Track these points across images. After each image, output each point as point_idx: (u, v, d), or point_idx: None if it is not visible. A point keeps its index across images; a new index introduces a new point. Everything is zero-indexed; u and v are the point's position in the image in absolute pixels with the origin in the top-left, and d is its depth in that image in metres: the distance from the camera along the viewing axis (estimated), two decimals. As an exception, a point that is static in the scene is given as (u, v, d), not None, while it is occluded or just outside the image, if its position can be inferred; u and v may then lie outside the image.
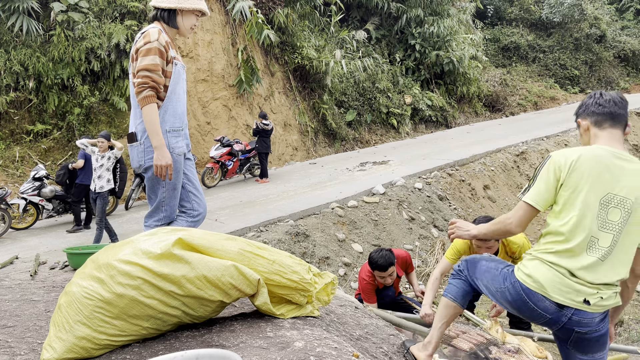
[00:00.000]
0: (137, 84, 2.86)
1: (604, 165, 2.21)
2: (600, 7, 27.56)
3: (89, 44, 10.85)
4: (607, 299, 2.22)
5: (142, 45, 2.90)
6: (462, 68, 19.44)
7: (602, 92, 2.38)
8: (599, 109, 2.32)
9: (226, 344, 2.03)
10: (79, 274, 2.18)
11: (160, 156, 2.89)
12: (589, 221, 2.20)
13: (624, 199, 2.19)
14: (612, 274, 2.21)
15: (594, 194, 2.20)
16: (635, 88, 27.86)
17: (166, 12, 3.04)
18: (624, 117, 2.30)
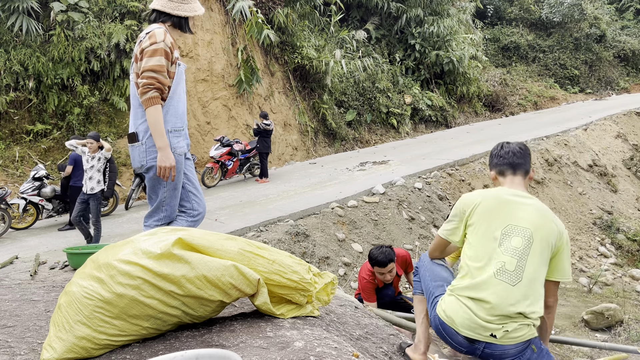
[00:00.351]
0: (143, 84, 2.85)
1: (504, 201, 2.48)
2: (600, 7, 27.56)
3: (88, 44, 10.85)
4: (515, 331, 2.32)
5: (148, 45, 2.89)
6: (462, 68, 19.44)
7: (503, 144, 2.66)
8: (500, 161, 2.62)
9: (226, 343, 2.03)
10: (79, 274, 2.18)
11: (165, 157, 2.89)
12: (494, 249, 2.41)
13: (524, 229, 2.41)
14: (521, 304, 2.32)
15: (496, 226, 2.44)
16: (635, 88, 27.86)
17: (183, 19, 3.09)
18: (523, 165, 2.59)
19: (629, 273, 10.21)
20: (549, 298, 2.52)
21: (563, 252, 2.45)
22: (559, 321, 7.36)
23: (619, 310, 7.23)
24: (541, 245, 2.39)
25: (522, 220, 2.43)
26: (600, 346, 4.06)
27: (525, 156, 2.61)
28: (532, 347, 2.40)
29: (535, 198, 2.53)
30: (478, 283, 2.39)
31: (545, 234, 2.41)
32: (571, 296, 8.67)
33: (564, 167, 13.38)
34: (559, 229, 2.45)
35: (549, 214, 2.48)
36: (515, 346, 2.35)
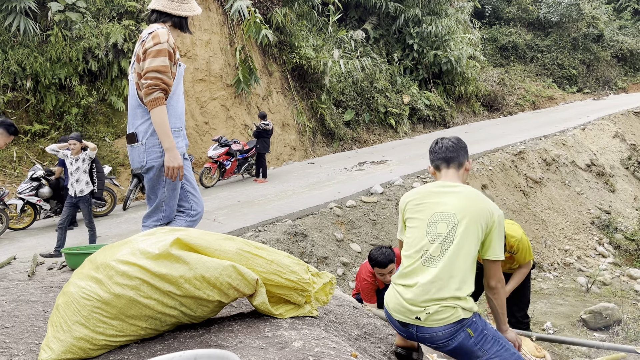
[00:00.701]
0: (147, 85, 2.83)
1: (431, 193, 2.62)
2: (597, 7, 27.60)
3: (86, 44, 10.83)
4: (437, 313, 2.38)
5: (151, 45, 2.87)
6: (460, 68, 19.45)
7: (438, 140, 2.78)
8: (435, 156, 2.76)
9: (224, 344, 2.03)
10: (77, 274, 2.17)
11: (173, 158, 2.89)
12: (421, 238, 2.53)
13: (448, 214, 2.51)
14: (446, 286, 2.39)
15: (424, 217, 2.57)
16: (633, 87, 27.91)
17: (184, 19, 3.10)
18: (456, 158, 2.70)
19: (627, 272, 10.23)
20: (490, 280, 2.58)
21: (494, 232, 2.50)
22: (557, 320, 7.38)
23: (617, 310, 7.25)
24: (468, 226, 2.46)
25: (446, 207, 2.53)
26: (598, 345, 4.07)
27: (458, 150, 2.71)
28: (468, 330, 2.40)
29: (466, 186, 2.62)
30: (408, 272, 2.52)
31: (472, 215, 2.47)
32: (569, 295, 8.68)
33: (562, 166, 13.40)
34: (490, 210, 2.51)
35: (478, 198, 2.55)
36: (442, 329, 2.39)
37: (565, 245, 10.81)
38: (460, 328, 2.40)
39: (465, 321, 2.40)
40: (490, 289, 2.61)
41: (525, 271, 4.17)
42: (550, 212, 11.52)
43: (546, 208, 11.55)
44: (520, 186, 11.74)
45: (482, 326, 2.46)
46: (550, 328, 7.06)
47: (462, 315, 2.39)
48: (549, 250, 10.40)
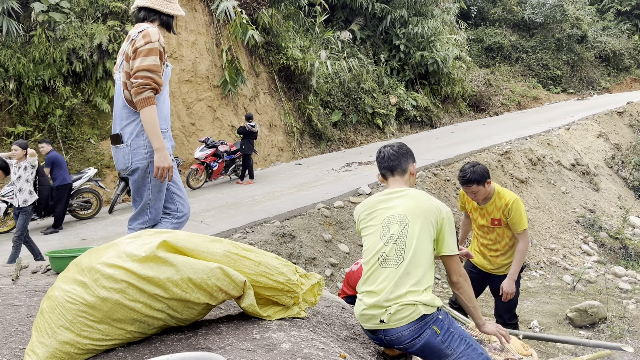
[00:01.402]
0: (138, 84, 2.80)
1: (380, 201, 2.71)
2: (581, 8, 27.93)
3: (70, 45, 10.71)
4: (397, 312, 2.41)
5: (142, 44, 2.84)
6: (446, 68, 19.56)
7: (381, 149, 2.85)
8: (379, 166, 2.84)
9: (212, 346, 2.01)
10: (62, 278, 2.15)
11: (163, 158, 2.87)
12: (377, 242, 2.59)
13: (399, 215, 2.59)
14: (405, 283, 2.44)
15: (376, 223, 2.65)
16: (616, 87, 28.29)
17: (171, 18, 3.09)
18: (398, 165, 2.78)
19: (611, 270, 10.35)
20: (452, 276, 2.63)
21: (445, 228, 2.58)
22: (543, 318, 7.44)
23: (602, 308, 7.32)
24: (418, 223, 2.53)
25: (396, 209, 2.61)
26: (584, 343, 4.11)
27: (400, 157, 2.78)
28: (434, 328, 2.42)
29: (412, 189, 2.72)
30: (368, 277, 2.57)
31: (421, 213, 2.56)
32: (555, 294, 8.76)
33: (548, 166, 13.53)
34: (438, 207, 2.60)
35: (425, 197, 2.65)
36: (406, 327, 2.41)
37: (551, 244, 10.91)
38: (424, 325, 2.41)
39: (428, 317, 2.42)
40: (453, 284, 2.64)
41: (524, 248, 4.08)
42: (536, 211, 11.62)
43: (532, 207, 11.65)
44: (507, 186, 11.83)
45: (449, 324, 2.48)
46: (537, 326, 7.12)
47: (423, 311, 2.41)
48: (535, 249, 10.49)
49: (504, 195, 4.09)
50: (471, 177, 3.96)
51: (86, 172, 9.60)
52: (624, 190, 15.15)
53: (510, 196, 4.07)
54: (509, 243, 4.18)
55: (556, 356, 5.59)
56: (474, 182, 3.96)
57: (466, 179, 3.98)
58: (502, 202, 4.06)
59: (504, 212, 4.05)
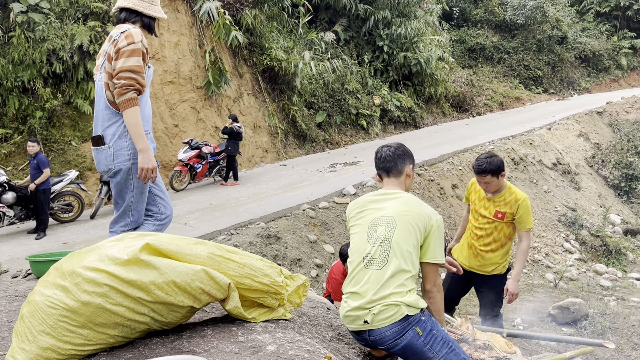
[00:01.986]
0: (121, 85, 2.77)
1: (371, 201, 2.73)
2: (561, 9, 28.33)
3: (50, 46, 10.56)
4: (381, 313, 2.43)
5: (125, 45, 2.81)
6: (429, 69, 19.69)
7: (379, 149, 2.85)
8: (376, 166, 2.86)
9: (197, 349, 2.00)
10: (42, 283, 2.11)
11: (147, 159, 2.84)
12: (363, 243, 2.61)
13: (387, 217, 2.60)
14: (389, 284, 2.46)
15: (365, 223, 2.67)
16: (596, 88, 28.73)
17: (153, 20, 3.07)
18: (394, 167, 2.78)
19: (592, 268, 10.51)
20: (427, 283, 2.63)
21: (433, 236, 2.58)
22: (527, 316, 7.52)
23: (584, 305, 7.42)
24: (405, 227, 2.55)
25: (386, 211, 2.63)
26: (566, 340, 4.16)
27: (396, 159, 2.78)
28: (416, 329, 2.43)
29: (405, 193, 2.74)
30: (353, 278, 2.58)
31: (410, 218, 2.57)
32: (538, 292, 8.86)
33: (530, 165, 13.69)
34: (428, 214, 2.60)
35: (416, 203, 2.66)
36: (389, 328, 2.43)
37: (534, 242, 11.04)
38: (407, 326, 2.43)
39: (411, 318, 2.43)
40: (426, 292, 2.64)
41: (526, 247, 4.15)
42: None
43: (515, 206, 11.77)
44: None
45: (431, 326, 2.50)
46: (520, 324, 7.19)
47: (407, 312, 2.42)
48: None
49: (515, 191, 4.16)
50: (487, 168, 4.00)
51: (67, 174, 9.46)
52: (604, 188, 15.39)
53: (522, 194, 4.14)
54: (501, 240, 4.21)
55: (539, 353, 5.65)
56: (489, 172, 4.01)
57: (482, 168, 4.02)
58: (513, 197, 4.11)
59: (513, 207, 4.09)
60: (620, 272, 10.47)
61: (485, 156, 4.09)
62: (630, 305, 8.26)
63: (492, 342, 3.44)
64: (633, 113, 20.39)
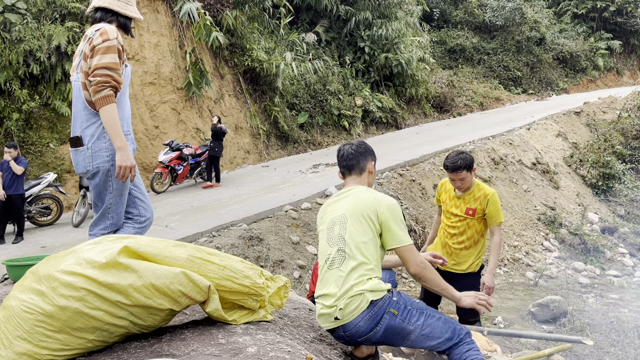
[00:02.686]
0: (97, 82, 2.73)
1: (330, 204, 2.78)
2: (539, 11, 28.73)
3: (27, 46, 10.40)
4: (347, 306, 2.44)
5: (100, 42, 2.77)
6: (410, 70, 19.82)
7: (340, 148, 2.87)
8: (338, 164, 2.87)
9: (177, 352, 1.98)
10: (18, 287, 2.07)
11: (125, 157, 2.80)
12: (325, 246, 2.65)
13: (340, 216, 2.64)
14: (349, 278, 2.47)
15: (324, 227, 2.71)
16: (574, 88, 29.19)
17: (129, 20, 3.03)
18: (356, 165, 2.81)
19: (571, 266, 10.67)
20: (409, 268, 2.60)
21: (389, 220, 2.56)
22: (508, 314, 7.61)
23: (563, 302, 7.54)
24: (356, 220, 2.56)
25: (338, 211, 2.66)
26: (546, 337, 4.21)
27: (357, 156, 2.80)
28: (391, 311, 2.45)
29: (356, 187, 2.74)
30: (321, 281, 2.61)
31: (359, 210, 2.58)
32: (518, 290, 8.97)
33: (510, 165, 13.85)
34: (377, 200, 2.60)
35: (366, 193, 2.65)
36: (360, 318, 2.43)
37: (514, 241, 11.17)
38: (379, 311, 2.43)
39: (379, 302, 2.44)
40: (414, 276, 2.61)
41: (499, 241, 4.22)
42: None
43: (495, 206, 11.91)
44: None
45: (404, 302, 2.51)
46: (501, 322, 7.27)
47: (371, 298, 2.43)
48: (498, 247, 10.71)
49: (483, 187, 4.25)
50: (461, 164, 4.08)
51: (45, 177, 9.31)
52: (582, 187, 15.64)
53: (490, 189, 4.24)
54: (474, 237, 4.27)
55: (520, 351, 5.72)
56: (464, 168, 4.08)
57: (457, 165, 4.08)
58: (481, 193, 4.21)
59: (482, 203, 4.18)
60: (598, 269, 10.65)
61: (456, 154, 4.18)
62: (608, 302, 8.41)
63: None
64: (609, 113, 20.77)
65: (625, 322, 7.07)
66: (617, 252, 11.81)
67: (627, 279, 10.17)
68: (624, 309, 7.92)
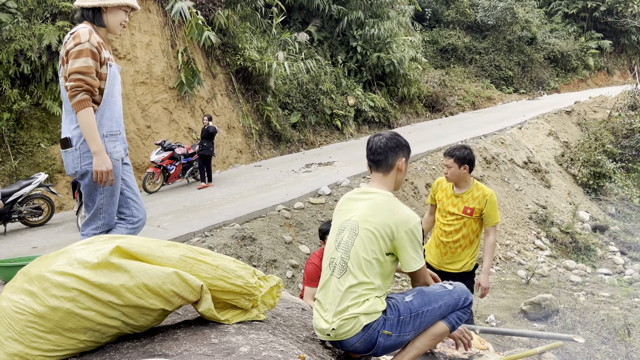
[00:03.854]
0: (70, 87, 2.74)
1: (349, 200, 2.63)
2: (530, 11, 28.88)
3: (18, 46, 10.32)
4: (340, 328, 2.40)
5: (72, 47, 2.77)
6: (402, 69, 19.85)
7: (372, 137, 2.64)
8: (367, 156, 2.66)
9: (169, 352, 1.98)
10: (9, 288, 2.07)
11: (101, 162, 2.80)
12: (331, 246, 2.57)
13: (352, 222, 2.50)
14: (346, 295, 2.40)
15: (336, 225, 2.61)
16: (565, 88, 29.36)
17: (91, 10, 2.91)
18: (384, 161, 2.58)
19: (563, 264, 10.74)
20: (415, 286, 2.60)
21: (405, 244, 2.42)
22: (500, 313, 7.65)
23: (554, 300, 7.59)
24: (367, 236, 2.42)
25: (353, 213, 2.53)
26: (538, 335, 4.24)
27: (387, 151, 2.57)
28: (384, 333, 2.41)
29: (381, 193, 2.54)
30: (322, 284, 2.56)
31: (374, 224, 2.43)
32: (510, 288, 9.02)
33: (501, 164, 13.92)
34: (396, 221, 2.42)
35: (385, 206, 2.48)
36: (356, 339, 2.41)
37: (506, 240, 11.23)
38: (372, 334, 2.40)
39: (372, 325, 2.39)
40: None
41: (493, 241, 4.25)
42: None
43: (487, 205, 11.96)
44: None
45: (396, 315, 2.44)
46: (493, 321, 7.31)
47: (365, 322, 2.38)
48: (490, 246, 10.77)
49: (482, 187, 4.29)
50: (454, 153, 4.15)
51: (36, 177, 9.24)
52: (573, 186, 15.75)
53: (489, 190, 4.28)
54: (470, 236, 4.29)
55: (512, 349, 5.75)
56: (453, 157, 4.14)
57: (451, 152, 4.17)
58: (480, 193, 4.23)
59: (481, 202, 4.21)
60: (589, 267, 10.73)
61: (461, 145, 4.26)
62: (599, 300, 8.47)
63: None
64: (600, 112, 20.92)
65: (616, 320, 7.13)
66: (608, 250, 11.91)
67: (617, 277, 10.25)
68: (615, 307, 7.98)
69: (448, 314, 2.52)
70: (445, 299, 2.51)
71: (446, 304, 2.51)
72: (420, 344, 2.51)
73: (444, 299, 2.51)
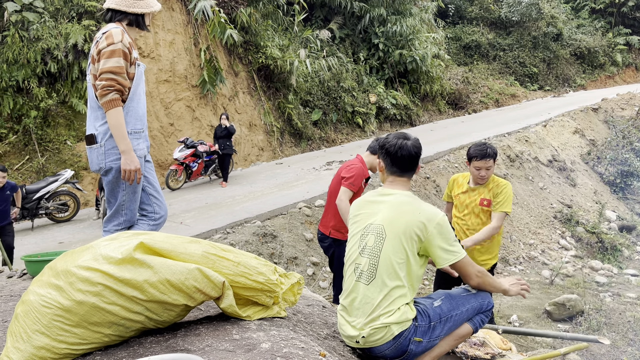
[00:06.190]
0: (102, 86, 2.79)
1: (368, 202, 2.59)
2: (556, 6, 28.34)
3: (45, 45, 10.53)
4: (370, 336, 2.38)
5: (105, 46, 2.81)
6: (425, 66, 19.70)
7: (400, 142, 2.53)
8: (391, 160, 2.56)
9: (191, 348, 2.00)
10: (37, 282, 2.11)
11: (129, 160, 2.84)
12: (354, 251, 2.53)
13: (377, 226, 2.46)
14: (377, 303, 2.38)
15: (358, 229, 2.55)
16: (591, 84, 28.78)
17: (140, 16, 3.02)
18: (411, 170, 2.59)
19: (588, 264, 10.54)
20: (470, 281, 2.58)
21: (437, 239, 2.39)
22: (523, 313, 7.54)
23: (579, 301, 7.45)
24: (397, 238, 2.39)
25: (377, 217, 2.49)
26: (562, 336, 4.17)
27: (415, 159, 2.56)
28: (415, 340, 2.41)
29: (401, 193, 2.52)
30: (346, 290, 2.54)
31: (401, 227, 2.40)
32: (534, 288, 8.89)
33: (525, 162, 13.72)
34: (422, 220, 2.40)
35: (408, 207, 2.45)
36: (386, 347, 2.40)
37: (530, 239, 11.07)
38: (404, 342, 2.40)
39: (404, 333, 2.39)
40: (476, 287, 2.60)
41: (495, 226, 4.13)
42: (515, 207, 11.78)
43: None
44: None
45: (427, 322, 2.45)
46: (516, 321, 7.22)
47: (396, 331, 2.38)
48: (514, 245, 10.63)
49: (498, 179, 4.33)
50: (490, 152, 4.16)
51: (62, 174, 9.44)
52: (599, 185, 15.44)
53: (504, 181, 4.31)
54: None
55: (535, 350, 5.67)
56: (492, 156, 4.16)
57: (486, 152, 4.16)
58: (494, 184, 4.26)
59: (494, 191, 4.21)
60: (615, 268, 10.51)
61: (481, 144, 4.25)
62: (625, 301, 8.30)
63: (488, 338, 3.46)
64: (628, 109, 20.44)
65: (642, 322, 6.97)
66: (635, 250, 11.64)
67: (645, 277, 10.02)
68: (642, 308, 7.81)
69: (473, 316, 2.55)
70: (471, 302, 2.55)
71: (472, 307, 2.54)
72: (444, 343, 2.53)
73: (470, 302, 2.54)
